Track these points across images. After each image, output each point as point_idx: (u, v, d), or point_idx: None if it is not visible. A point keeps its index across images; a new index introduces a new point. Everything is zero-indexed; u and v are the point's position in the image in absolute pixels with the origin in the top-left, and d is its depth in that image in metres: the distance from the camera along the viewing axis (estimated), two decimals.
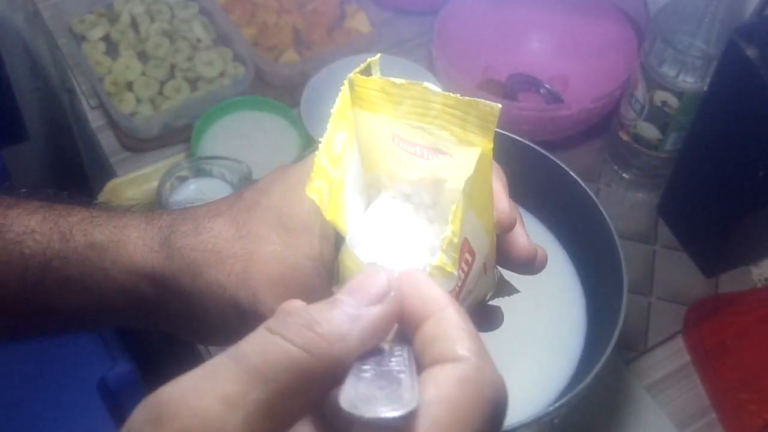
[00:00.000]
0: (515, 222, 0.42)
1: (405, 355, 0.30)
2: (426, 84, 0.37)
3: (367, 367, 0.29)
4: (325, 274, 0.41)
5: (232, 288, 0.41)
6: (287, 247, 0.41)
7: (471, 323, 0.30)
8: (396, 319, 0.30)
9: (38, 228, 0.45)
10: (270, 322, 0.27)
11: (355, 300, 0.29)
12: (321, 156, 0.36)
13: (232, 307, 0.41)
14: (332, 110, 0.37)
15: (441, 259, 0.35)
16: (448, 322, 0.29)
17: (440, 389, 0.27)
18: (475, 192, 0.36)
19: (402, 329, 0.31)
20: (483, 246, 0.39)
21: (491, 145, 0.36)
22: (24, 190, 0.48)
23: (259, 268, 0.40)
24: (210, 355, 0.82)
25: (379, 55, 0.40)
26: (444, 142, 0.37)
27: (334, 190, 0.36)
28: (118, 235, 0.44)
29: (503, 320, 0.47)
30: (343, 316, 0.28)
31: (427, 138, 0.38)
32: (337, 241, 0.41)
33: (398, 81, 0.37)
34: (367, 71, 0.38)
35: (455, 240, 0.35)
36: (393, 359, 0.30)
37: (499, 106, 0.36)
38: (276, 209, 0.42)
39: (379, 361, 0.29)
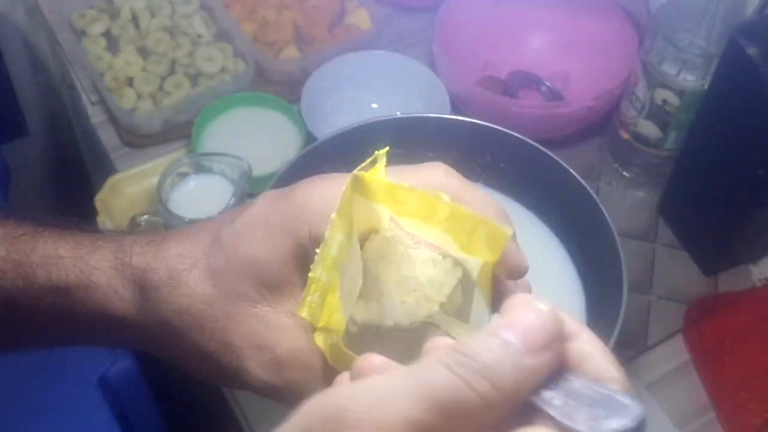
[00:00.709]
0: (526, 270, 0.41)
1: (574, 374, 0.30)
2: (441, 194, 0.37)
3: (550, 392, 0.29)
4: (310, 331, 0.39)
5: (214, 354, 0.39)
6: (268, 304, 0.39)
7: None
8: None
9: (1, 265, 0.43)
10: (450, 358, 0.27)
11: (527, 347, 0.28)
12: (316, 270, 0.36)
13: (216, 371, 0.40)
14: (332, 215, 0.36)
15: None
16: (592, 343, 0.32)
17: None
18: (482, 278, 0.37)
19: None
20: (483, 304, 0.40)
21: (496, 259, 0.37)
22: None
23: (242, 332, 0.39)
24: None
25: (387, 148, 0.38)
26: (445, 244, 0.37)
27: (330, 293, 0.36)
28: (85, 281, 0.41)
29: None
30: (519, 370, 0.28)
31: (427, 233, 0.37)
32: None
33: (407, 186, 0.36)
34: (371, 165, 0.37)
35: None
36: (570, 379, 0.29)
37: (510, 232, 0.36)
38: (255, 262, 0.39)
39: (555, 385, 0.29)
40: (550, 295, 0.82)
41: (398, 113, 0.95)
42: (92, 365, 0.93)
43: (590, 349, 0.31)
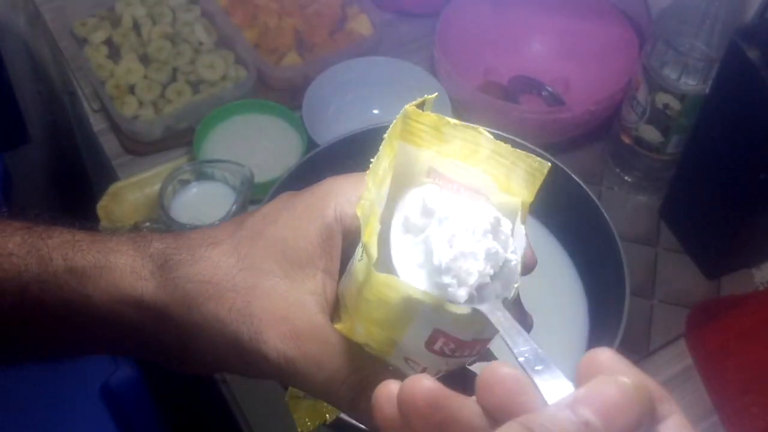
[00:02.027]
0: (534, 265, 0.42)
1: None
2: (482, 129, 0.37)
3: None
4: (328, 310, 0.40)
5: (232, 324, 0.39)
6: (291, 281, 0.39)
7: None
8: None
9: (16, 250, 0.42)
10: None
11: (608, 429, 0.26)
12: (370, 178, 0.36)
13: (231, 344, 0.39)
14: (385, 135, 0.37)
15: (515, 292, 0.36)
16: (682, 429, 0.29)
17: None
18: None
19: None
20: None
21: (532, 199, 0.37)
22: (5, 210, 0.46)
23: (263, 304, 0.39)
24: None
25: (436, 94, 0.40)
26: (485, 186, 0.38)
27: (373, 213, 0.36)
28: (102, 260, 0.41)
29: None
30: None
31: (467, 178, 0.38)
32: (345, 274, 0.40)
33: (453, 121, 0.38)
34: (420, 106, 0.38)
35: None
36: None
37: (549, 164, 0.37)
38: (281, 241, 0.40)
39: None
40: (553, 299, 0.82)
41: None
42: (94, 373, 0.93)
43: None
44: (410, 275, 0.36)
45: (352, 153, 0.76)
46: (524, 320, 0.44)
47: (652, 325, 0.88)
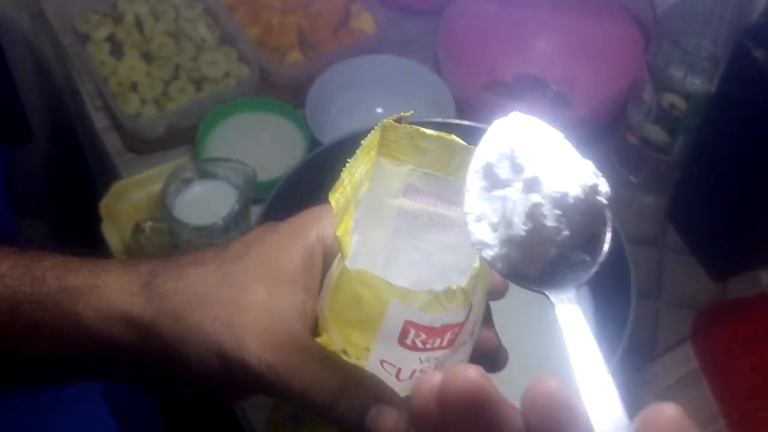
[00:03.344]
0: (507, 289, 0.42)
1: None
2: (454, 137, 0.38)
3: None
4: (308, 324, 0.41)
5: (215, 334, 0.40)
6: (273, 296, 0.41)
7: None
8: None
9: (8, 272, 0.43)
10: None
11: None
12: (345, 174, 0.37)
13: (214, 354, 0.40)
14: (363, 141, 0.38)
15: (469, 284, 0.35)
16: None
17: None
18: None
19: None
20: (482, 304, 0.40)
21: None
22: None
23: (246, 316, 0.40)
24: None
25: (411, 112, 0.40)
26: (459, 195, 0.36)
27: (347, 213, 0.37)
28: (93, 279, 0.43)
29: None
30: None
31: (442, 188, 0.39)
32: (322, 288, 0.42)
33: (428, 132, 0.39)
34: (398, 121, 0.39)
35: (480, 269, 0.36)
36: None
37: None
38: (265, 260, 0.42)
39: None
40: None
41: None
42: None
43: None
44: (481, 234, 0.33)
45: (356, 152, 0.75)
46: (499, 356, 0.44)
47: (659, 328, 0.88)
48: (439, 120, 0.85)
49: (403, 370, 0.38)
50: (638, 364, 0.85)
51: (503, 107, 0.94)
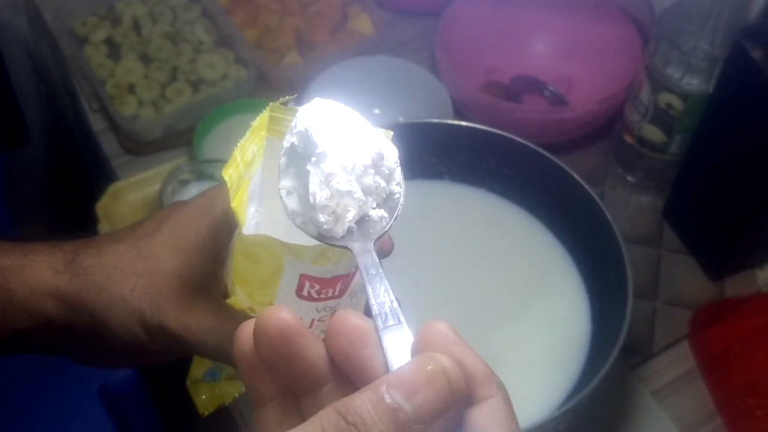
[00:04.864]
0: (392, 247, 0.46)
1: None
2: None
3: None
4: (217, 288, 0.47)
5: (136, 302, 0.45)
6: (185, 266, 0.46)
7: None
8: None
9: None
10: (332, 425, 0.28)
11: (416, 416, 0.29)
12: (237, 152, 0.41)
13: (136, 320, 0.45)
14: (252, 123, 0.42)
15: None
16: (498, 412, 0.31)
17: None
18: None
19: None
20: None
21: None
22: None
23: (161, 284, 0.45)
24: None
25: (295, 95, 0.44)
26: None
27: (241, 187, 0.41)
28: (23, 259, 0.47)
29: None
30: None
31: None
32: (228, 255, 0.46)
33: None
34: (284, 104, 0.44)
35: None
36: None
37: (392, 132, 0.41)
38: (176, 234, 0.47)
39: None
40: (555, 300, 0.81)
41: (401, 119, 0.95)
42: (93, 375, 0.93)
43: (492, 425, 0.30)
44: (292, 205, 0.38)
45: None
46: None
47: (655, 327, 0.88)
48: (437, 121, 0.85)
49: (304, 320, 0.42)
50: (635, 363, 0.85)
51: (501, 108, 0.95)
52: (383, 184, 0.38)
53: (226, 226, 0.46)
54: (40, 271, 0.47)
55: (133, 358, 0.49)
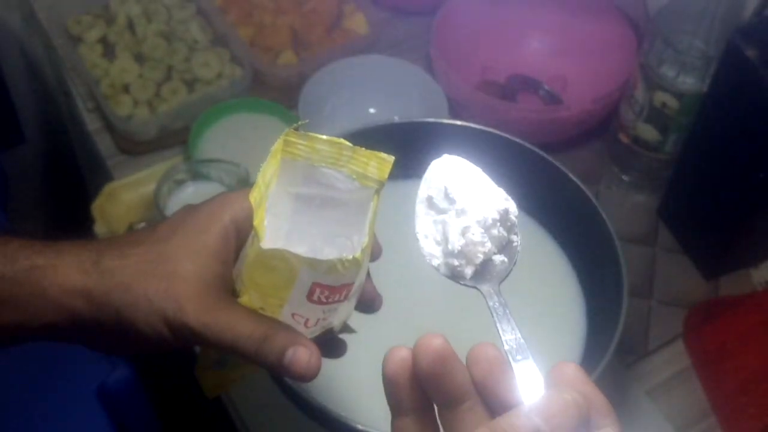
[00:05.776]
0: (380, 253, 0.53)
1: None
2: (341, 140, 0.47)
3: None
4: (229, 287, 0.51)
5: (158, 302, 0.49)
6: (200, 269, 0.50)
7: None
8: None
9: None
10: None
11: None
12: (260, 177, 0.45)
13: (160, 318, 0.49)
14: (272, 148, 0.47)
15: (361, 253, 0.44)
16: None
17: None
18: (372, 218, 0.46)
19: None
20: (366, 266, 0.48)
21: (384, 179, 0.46)
22: None
23: (182, 286, 0.49)
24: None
25: (307, 120, 0.50)
26: (342, 181, 0.48)
27: (261, 206, 0.45)
28: (55, 260, 0.51)
29: (346, 351, 0.57)
30: None
31: (332, 177, 0.48)
32: (239, 259, 0.51)
33: (323, 137, 0.47)
34: (297, 129, 0.48)
35: (368, 242, 0.45)
36: None
37: (393, 158, 0.46)
38: (190, 239, 0.51)
39: None
40: (550, 299, 0.81)
41: (396, 118, 0.95)
42: (91, 375, 0.93)
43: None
44: (429, 248, 0.48)
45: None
46: (374, 301, 0.55)
47: (650, 326, 0.88)
48: (432, 120, 0.85)
49: (310, 320, 0.48)
50: (630, 362, 0.85)
51: (496, 107, 0.95)
52: (505, 234, 0.47)
53: (234, 233, 0.51)
54: (71, 271, 0.50)
55: (149, 349, 0.53)
